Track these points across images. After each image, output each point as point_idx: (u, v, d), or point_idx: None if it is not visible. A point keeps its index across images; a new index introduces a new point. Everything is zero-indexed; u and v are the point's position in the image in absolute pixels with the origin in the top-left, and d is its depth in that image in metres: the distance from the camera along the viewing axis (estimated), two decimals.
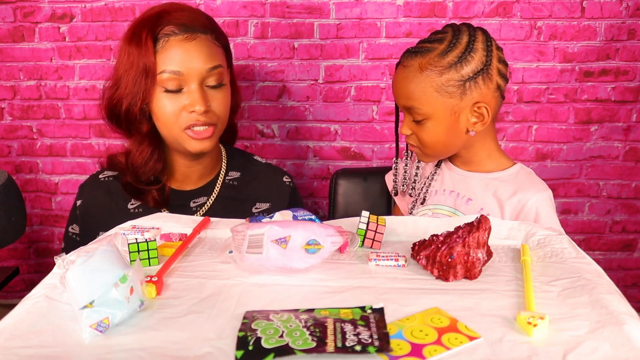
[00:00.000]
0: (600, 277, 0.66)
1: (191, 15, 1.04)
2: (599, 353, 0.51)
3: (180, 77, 1.00)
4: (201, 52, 1.01)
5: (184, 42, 1.00)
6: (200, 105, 1.00)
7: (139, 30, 1.01)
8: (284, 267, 0.68)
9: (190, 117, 1.02)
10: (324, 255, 0.69)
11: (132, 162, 1.08)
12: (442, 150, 1.01)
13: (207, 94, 1.03)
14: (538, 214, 0.97)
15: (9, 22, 1.50)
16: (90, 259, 0.57)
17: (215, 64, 1.03)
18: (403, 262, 0.71)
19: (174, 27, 1.00)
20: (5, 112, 1.59)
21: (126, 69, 1.02)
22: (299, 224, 0.70)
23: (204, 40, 1.02)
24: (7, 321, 0.58)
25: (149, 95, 1.02)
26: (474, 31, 0.94)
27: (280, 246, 0.67)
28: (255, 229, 0.68)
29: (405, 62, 0.95)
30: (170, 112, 1.02)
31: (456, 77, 0.92)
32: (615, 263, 1.66)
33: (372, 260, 0.72)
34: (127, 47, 1.02)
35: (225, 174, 1.17)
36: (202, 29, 1.03)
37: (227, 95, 1.08)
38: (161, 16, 1.02)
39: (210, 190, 1.15)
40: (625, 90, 1.50)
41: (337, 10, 1.47)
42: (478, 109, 0.94)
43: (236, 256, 0.70)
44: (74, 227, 1.15)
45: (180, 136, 1.04)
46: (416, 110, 0.95)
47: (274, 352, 0.51)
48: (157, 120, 1.05)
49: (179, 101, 1.01)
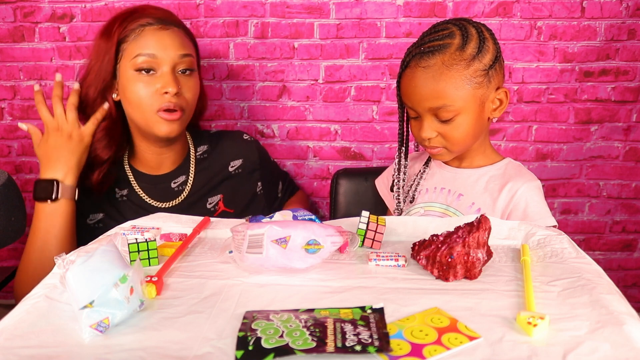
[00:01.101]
0: (600, 277, 0.66)
1: (165, 12, 1.12)
2: (599, 353, 0.51)
3: (154, 60, 1.06)
4: (174, 40, 1.08)
5: (158, 31, 1.07)
6: (172, 87, 1.05)
7: (113, 23, 1.09)
8: (284, 267, 0.68)
9: (162, 98, 1.07)
10: (324, 255, 0.69)
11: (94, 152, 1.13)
12: (470, 143, 1.01)
13: (178, 79, 1.08)
14: (527, 202, 0.98)
15: (9, 22, 1.50)
16: (90, 259, 0.57)
17: (187, 52, 1.10)
18: (403, 262, 0.71)
19: (149, 18, 1.08)
20: (5, 112, 1.59)
21: (97, 57, 1.09)
22: (299, 224, 0.70)
23: (176, 31, 1.10)
24: (7, 321, 0.58)
25: (116, 80, 1.09)
26: (473, 22, 0.96)
27: (280, 246, 0.67)
28: (255, 229, 0.68)
29: (423, 63, 0.94)
30: (143, 94, 1.06)
31: (481, 67, 0.93)
32: (615, 263, 1.66)
33: (372, 260, 0.72)
34: (99, 38, 1.10)
35: (195, 151, 1.25)
36: (175, 23, 1.12)
37: (197, 83, 1.14)
38: (135, 11, 1.10)
39: (186, 169, 1.22)
40: (625, 90, 1.50)
41: (337, 10, 1.47)
42: (498, 94, 0.97)
43: (236, 256, 0.70)
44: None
45: (151, 118, 1.08)
46: (447, 108, 0.93)
47: (274, 352, 0.51)
48: (130, 104, 1.09)
49: (152, 84, 1.07)
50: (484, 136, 1.04)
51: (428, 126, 0.97)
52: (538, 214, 0.97)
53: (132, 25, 1.07)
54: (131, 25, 1.07)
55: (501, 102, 0.98)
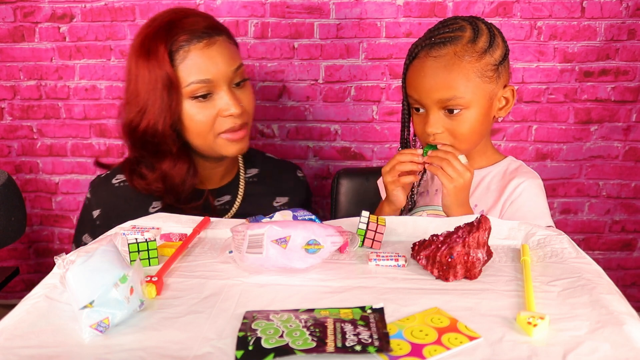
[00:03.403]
0: (600, 277, 0.66)
1: (202, 20, 1.00)
2: (599, 353, 0.51)
3: (209, 84, 0.98)
4: (224, 55, 0.99)
5: (205, 49, 0.97)
6: (236, 108, 0.99)
7: (154, 44, 0.96)
8: (284, 267, 0.68)
9: (226, 121, 1.00)
10: (324, 255, 0.69)
11: (171, 184, 1.04)
12: (476, 141, 0.99)
13: (236, 95, 1.01)
14: (526, 199, 0.97)
15: (9, 22, 1.50)
16: (90, 259, 0.57)
17: (238, 64, 1.01)
18: (403, 262, 0.71)
19: (189, 34, 0.97)
20: (5, 112, 1.59)
21: (149, 88, 0.97)
22: (298, 224, 0.70)
23: (222, 43, 1.00)
24: (7, 321, 0.58)
25: (178, 110, 0.98)
26: (482, 19, 0.96)
27: (280, 246, 0.67)
28: (255, 229, 0.68)
29: (434, 53, 0.92)
30: (203, 120, 0.99)
31: (491, 62, 0.93)
32: (614, 263, 1.66)
33: (372, 260, 0.72)
34: (144, 63, 0.97)
35: (244, 172, 1.17)
36: (217, 31, 1.00)
37: (252, 90, 1.07)
38: (172, 26, 0.97)
39: (234, 189, 1.14)
40: (625, 90, 1.50)
41: (337, 10, 1.47)
42: (505, 92, 0.97)
43: (236, 256, 0.70)
44: (87, 238, 1.10)
45: (215, 143, 1.02)
46: (457, 100, 0.92)
47: (274, 352, 0.51)
48: (189, 132, 1.01)
49: (211, 107, 0.99)
50: (487, 137, 1.03)
51: (435, 121, 0.94)
52: (531, 212, 0.96)
53: (174, 46, 0.96)
54: (174, 46, 0.96)
55: (507, 101, 0.98)
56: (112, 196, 1.08)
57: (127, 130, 1.02)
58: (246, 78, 1.04)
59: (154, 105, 0.97)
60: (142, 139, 1.01)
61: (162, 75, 0.96)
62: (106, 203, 1.08)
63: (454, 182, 0.90)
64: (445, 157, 0.91)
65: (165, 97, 0.96)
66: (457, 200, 0.91)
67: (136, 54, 0.98)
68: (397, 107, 1.55)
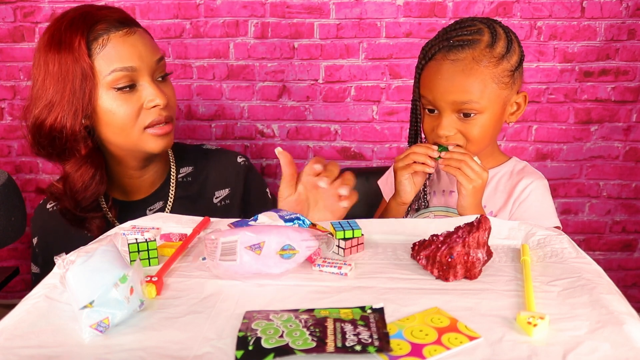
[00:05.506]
0: (600, 277, 0.66)
1: (118, 12, 0.96)
2: (599, 353, 0.51)
3: (132, 73, 0.92)
4: (145, 45, 0.95)
5: (126, 37, 0.92)
6: (161, 99, 0.94)
7: (67, 36, 0.91)
8: (259, 273, 0.68)
9: (151, 113, 0.95)
10: (299, 260, 0.68)
11: (71, 188, 0.97)
12: (486, 145, 0.99)
13: (160, 86, 0.96)
14: (529, 196, 0.99)
15: (9, 22, 1.50)
16: (90, 259, 0.57)
17: (160, 55, 0.98)
18: (347, 270, 0.69)
19: (107, 23, 0.92)
20: (5, 112, 1.59)
21: (58, 80, 0.91)
22: (273, 229, 0.69)
23: (142, 33, 0.96)
24: (7, 321, 0.58)
25: (93, 103, 0.92)
26: (499, 23, 0.96)
27: (255, 252, 0.66)
28: (228, 236, 0.67)
29: (452, 56, 0.91)
30: (126, 113, 0.93)
31: (508, 67, 0.93)
32: (615, 263, 1.66)
33: (316, 265, 0.70)
34: (54, 55, 0.91)
35: (176, 172, 1.10)
36: (134, 23, 0.97)
37: (173, 87, 1.02)
38: (88, 16, 0.92)
39: (165, 194, 1.07)
40: (625, 90, 1.50)
41: (337, 10, 1.47)
42: (518, 98, 0.97)
43: (209, 263, 0.69)
44: (34, 268, 1.08)
45: (140, 138, 0.96)
46: (472, 104, 0.92)
47: (274, 352, 0.51)
48: (109, 128, 0.95)
49: (135, 99, 0.94)
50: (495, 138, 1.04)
51: (448, 123, 0.94)
52: (539, 213, 0.97)
53: (92, 35, 0.91)
54: (91, 35, 0.91)
55: (519, 106, 0.98)
56: (46, 222, 1.06)
57: (33, 127, 0.95)
58: (168, 72, 1.00)
59: (63, 98, 0.91)
60: (48, 136, 0.94)
61: (74, 66, 0.90)
62: (42, 230, 1.07)
63: (473, 183, 0.90)
64: (462, 159, 0.91)
65: (77, 89, 0.91)
66: (474, 201, 0.92)
67: (45, 49, 0.92)
68: (397, 107, 1.55)
